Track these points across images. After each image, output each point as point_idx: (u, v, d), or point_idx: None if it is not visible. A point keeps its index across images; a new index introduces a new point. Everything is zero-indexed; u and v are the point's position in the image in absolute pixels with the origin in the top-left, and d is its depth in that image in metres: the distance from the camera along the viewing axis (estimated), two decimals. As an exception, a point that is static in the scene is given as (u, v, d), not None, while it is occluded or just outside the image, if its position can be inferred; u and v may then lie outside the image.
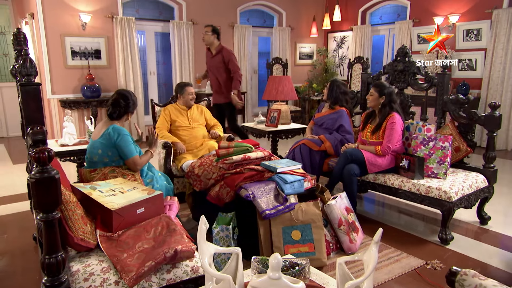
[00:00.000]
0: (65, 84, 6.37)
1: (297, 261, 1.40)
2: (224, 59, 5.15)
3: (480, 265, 2.84)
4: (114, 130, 2.70)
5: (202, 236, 1.37)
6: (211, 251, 1.41)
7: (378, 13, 8.33)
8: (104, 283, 1.72)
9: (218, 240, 2.65)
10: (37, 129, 1.59)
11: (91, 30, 6.48)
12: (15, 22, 7.35)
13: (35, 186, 1.33)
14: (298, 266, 1.36)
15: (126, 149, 2.70)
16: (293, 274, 1.33)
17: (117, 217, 1.96)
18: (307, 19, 8.84)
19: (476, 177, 3.34)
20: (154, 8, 7.38)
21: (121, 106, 2.80)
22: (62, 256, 1.53)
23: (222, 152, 3.13)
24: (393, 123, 3.40)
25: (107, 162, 2.76)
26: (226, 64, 5.16)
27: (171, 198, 2.55)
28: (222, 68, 5.19)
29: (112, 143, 2.68)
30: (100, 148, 2.71)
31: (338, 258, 1.41)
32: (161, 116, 4.04)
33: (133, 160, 2.74)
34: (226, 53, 5.15)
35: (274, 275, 1.21)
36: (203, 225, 1.38)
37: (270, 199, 2.79)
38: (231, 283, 1.28)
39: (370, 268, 1.31)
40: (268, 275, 1.21)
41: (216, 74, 5.25)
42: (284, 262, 1.38)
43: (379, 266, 2.79)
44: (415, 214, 3.88)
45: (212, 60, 5.24)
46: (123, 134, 2.69)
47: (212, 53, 5.22)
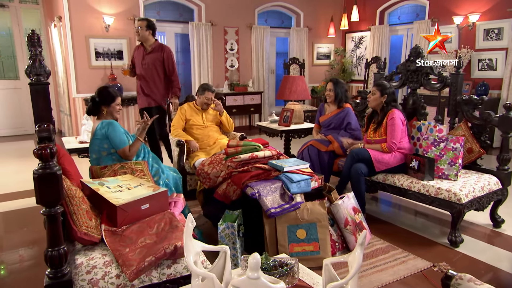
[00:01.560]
0: (89, 84, 6.58)
1: (286, 260, 1.42)
2: (164, 59, 4.58)
3: (490, 269, 2.79)
4: (103, 123, 2.86)
5: (188, 234, 1.40)
6: (197, 249, 1.44)
7: (396, 13, 8.22)
8: (106, 276, 1.79)
9: (224, 237, 2.71)
10: (44, 126, 1.68)
11: (114, 32, 6.69)
12: (46, 25, 7.65)
13: (37, 182, 1.42)
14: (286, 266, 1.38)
15: (116, 139, 2.84)
16: (281, 274, 1.35)
17: (121, 212, 2.04)
18: (325, 19, 8.82)
19: (489, 179, 3.28)
20: (174, 10, 7.53)
21: (95, 101, 2.95)
22: (64, 249, 1.62)
23: (230, 151, 3.19)
24: (393, 118, 3.41)
25: (107, 156, 2.89)
26: (166, 65, 4.60)
27: (177, 195, 2.63)
28: (160, 68, 4.59)
29: (104, 135, 2.84)
30: (96, 144, 2.86)
31: (325, 259, 1.43)
32: (177, 114, 4.14)
33: (123, 151, 2.87)
34: (168, 52, 4.60)
35: (252, 275, 1.22)
36: (190, 223, 1.42)
37: (276, 198, 2.83)
38: (215, 281, 1.30)
39: (353, 270, 1.32)
40: (247, 275, 1.23)
41: (150, 74, 4.59)
42: (273, 262, 1.40)
43: (384, 267, 2.79)
44: (426, 215, 3.83)
45: (147, 58, 4.58)
46: (113, 125, 2.85)
47: (146, 49, 4.60)
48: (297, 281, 1.41)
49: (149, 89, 4.63)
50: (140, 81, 4.67)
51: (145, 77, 4.62)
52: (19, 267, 2.91)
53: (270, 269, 1.36)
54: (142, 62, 4.59)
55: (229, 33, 7.78)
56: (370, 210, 3.87)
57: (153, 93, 4.62)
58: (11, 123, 7.72)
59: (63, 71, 6.90)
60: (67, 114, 6.94)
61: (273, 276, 1.32)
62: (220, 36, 7.69)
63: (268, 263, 1.36)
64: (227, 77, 7.90)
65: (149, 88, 4.63)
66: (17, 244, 3.25)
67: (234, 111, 7.57)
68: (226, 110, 7.31)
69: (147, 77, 4.61)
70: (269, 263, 1.36)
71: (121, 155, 2.90)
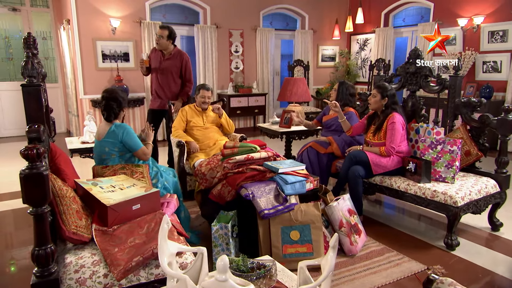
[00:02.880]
0: (96, 85, 6.68)
1: (264, 263, 1.43)
2: (182, 66, 4.68)
3: (486, 273, 2.77)
4: (117, 127, 2.87)
5: (162, 235, 1.42)
6: (172, 250, 1.46)
7: (401, 15, 8.19)
8: (93, 276, 1.82)
9: (218, 237, 2.74)
10: (34, 127, 1.72)
11: (120, 35, 6.79)
12: (56, 28, 7.79)
13: (23, 182, 1.46)
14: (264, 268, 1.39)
15: (133, 142, 2.90)
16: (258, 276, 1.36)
17: (112, 212, 2.08)
18: (329, 21, 8.82)
19: (487, 182, 3.25)
20: (180, 12, 7.60)
21: (114, 108, 2.95)
22: (51, 248, 1.65)
23: (227, 152, 3.21)
24: (393, 123, 3.39)
25: (115, 158, 2.92)
26: (183, 72, 4.70)
27: (170, 196, 2.66)
28: (177, 74, 4.69)
29: (118, 139, 2.86)
30: (107, 146, 2.88)
31: (300, 262, 1.43)
32: (178, 116, 4.20)
33: (142, 151, 2.94)
34: (186, 60, 4.70)
35: (220, 277, 1.23)
36: (165, 224, 1.44)
37: (269, 199, 2.85)
38: (188, 283, 1.31)
39: (325, 272, 1.33)
40: (215, 277, 1.25)
41: (166, 80, 4.68)
42: (251, 264, 1.42)
43: (378, 269, 2.79)
44: (424, 218, 3.81)
45: (165, 63, 4.64)
46: (127, 129, 2.88)
47: (164, 55, 4.66)
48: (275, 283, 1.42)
49: (163, 93, 4.70)
50: (155, 84, 4.74)
51: (160, 81, 4.68)
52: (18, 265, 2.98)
53: (247, 271, 1.37)
54: (159, 67, 4.64)
55: (234, 36, 7.83)
56: (369, 212, 3.87)
57: (167, 97, 4.69)
58: (24, 123, 7.85)
59: (71, 72, 7.01)
60: (75, 115, 7.06)
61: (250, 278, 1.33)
62: (225, 39, 7.75)
63: (245, 265, 1.38)
64: (232, 78, 7.95)
65: (163, 92, 4.70)
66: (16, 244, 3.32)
67: (238, 112, 7.61)
68: (230, 111, 7.41)
69: (163, 82, 4.68)
70: (246, 265, 1.38)
71: (139, 155, 2.96)
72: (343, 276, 2.68)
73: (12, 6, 7.39)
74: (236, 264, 1.37)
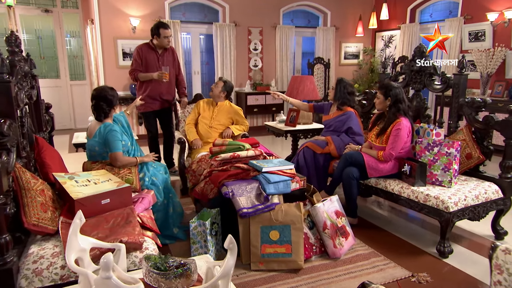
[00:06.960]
0: (117, 83, 6.89)
1: (185, 262, 1.42)
2: (175, 58, 4.63)
3: (474, 282, 2.61)
4: (105, 126, 2.92)
5: (73, 231, 1.44)
6: (83, 246, 1.48)
7: (428, 11, 7.84)
8: (51, 267, 1.87)
9: (196, 234, 2.76)
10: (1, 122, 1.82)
11: (140, 33, 6.96)
12: (83, 28, 8.13)
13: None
14: (184, 267, 1.38)
15: (112, 144, 2.87)
16: (176, 274, 1.35)
17: (79, 206, 2.14)
18: (353, 18, 8.60)
19: (488, 187, 3.06)
20: (199, 11, 7.69)
21: (104, 108, 2.96)
22: (6, 238, 1.73)
23: (215, 150, 3.22)
24: (399, 129, 3.20)
25: (105, 156, 2.99)
26: (176, 64, 4.64)
27: (147, 191, 2.69)
28: (173, 68, 4.58)
29: (103, 138, 2.91)
30: (97, 145, 2.95)
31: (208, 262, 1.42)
32: (193, 110, 4.34)
33: (114, 155, 2.87)
34: (175, 52, 4.70)
35: (104, 275, 1.25)
36: (78, 219, 1.46)
37: (250, 198, 2.83)
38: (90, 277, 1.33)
39: (219, 274, 1.31)
40: (100, 274, 1.26)
41: (170, 73, 4.46)
42: (173, 262, 1.41)
43: (359, 273, 2.70)
44: (422, 222, 3.64)
45: (162, 59, 4.51)
46: (112, 130, 2.90)
47: (157, 51, 4.50)
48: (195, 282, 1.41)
49: (166, 91, 4.56)
50: (154, 84, 4.45)
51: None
52: None
53: (166, 269, 1.37)
54: (160, 65, 4.46)
55: (253, 33, 7.82)
56: (366, 214, 3.76)
57: (169, 94, 4.59)
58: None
59: (95, 70, 7.29)
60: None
61: (167, 277, 1.33)
62: (243, 36, 7.75)
63: (163, 264, 1.38)
64: (250, 76, 7.94)
65: (166, 89, 4.56)
66: None
67: (255, 110, 7.60)
68: (247, 109, 7.40)
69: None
70: (163, 264, 1.38)
71: (111, 158, 2.91)
72: (321, 279, 2.62)
73: (44, 7, 7.78)
74: (153, 263, 1.37)
